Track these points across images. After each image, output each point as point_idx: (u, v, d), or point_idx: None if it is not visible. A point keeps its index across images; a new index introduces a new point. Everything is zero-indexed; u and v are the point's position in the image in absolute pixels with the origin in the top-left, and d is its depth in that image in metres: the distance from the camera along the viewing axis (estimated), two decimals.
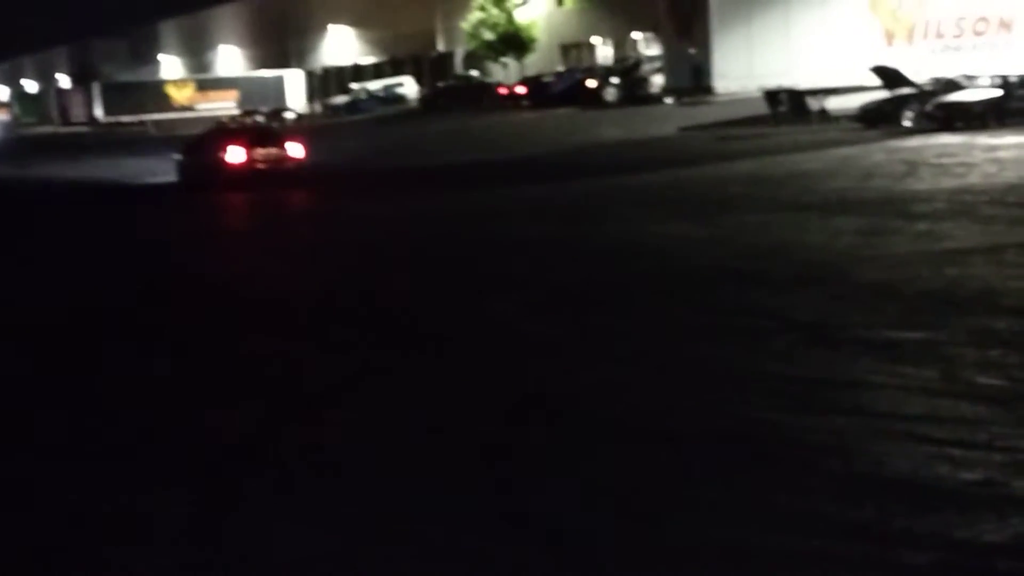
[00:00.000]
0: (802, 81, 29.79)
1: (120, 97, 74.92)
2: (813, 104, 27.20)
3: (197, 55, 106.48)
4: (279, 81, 76.63)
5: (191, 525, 5.21)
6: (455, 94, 58.21)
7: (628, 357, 7.75)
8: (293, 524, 5.07)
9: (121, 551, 5.02)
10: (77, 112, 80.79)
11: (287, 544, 4.90)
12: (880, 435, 5.72)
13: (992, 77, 24.11)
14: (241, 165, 25.67)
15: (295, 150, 26.48)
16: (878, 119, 24.06)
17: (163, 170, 29.78)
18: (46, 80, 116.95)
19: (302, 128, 55.08)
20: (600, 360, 7.73)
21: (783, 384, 6.79)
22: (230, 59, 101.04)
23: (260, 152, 26.03)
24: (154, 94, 76.18)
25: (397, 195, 20.32)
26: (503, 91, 56.52)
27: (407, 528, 4.97)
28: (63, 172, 35.91)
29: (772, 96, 28.20)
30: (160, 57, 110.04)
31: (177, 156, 28.91)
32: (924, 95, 23.88)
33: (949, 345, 7.33)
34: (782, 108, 27.69)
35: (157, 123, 67.44)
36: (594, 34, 62.80)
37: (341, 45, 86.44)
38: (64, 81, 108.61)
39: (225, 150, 26.13)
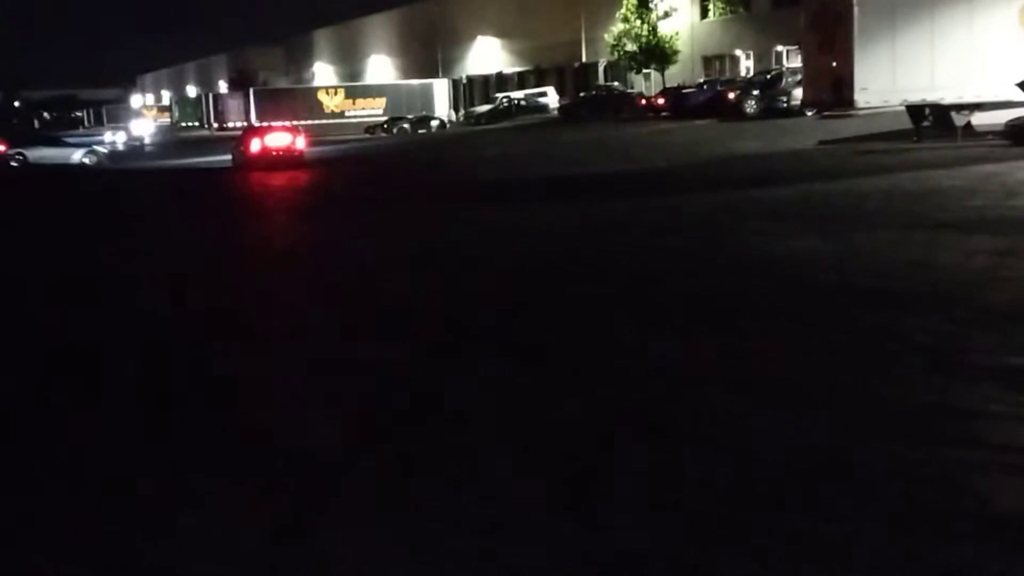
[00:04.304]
0: (947, 96, 28.85)
1: (273, 103, 76.78)
2: (958, 119, 26.23)
3: (348, 63, 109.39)
4: (426, 89, 77.53)
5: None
6: (595, 104, 58.40)
7: (736, 377, 7.54)
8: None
9: None
10: (232, 116, 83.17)
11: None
12: (990, 469, 5.42)
13: None
14: (258, 152, 37.11)
15: (299, 144, 37.99)
16: None
17: None
18: (207, 86, 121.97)
19: (443, 134, 56.04)
20: (707, 379, 7.54)
21: (894, 410, 6.52)
22: (380, 68, 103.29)
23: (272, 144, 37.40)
24: (305, 100, 77.92)
25: (524, 204, 20.30)
26: (643, 102, 56.52)
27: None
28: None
29: (915, 111, 27.36)
30: (314, 66, 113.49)
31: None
32: None
33: None
34: (925, 123, 26.82)
35: (308, 128, 68.93)
36: (737, 47, 62.22)
37: (487, 55, 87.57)
38: (222, 87, 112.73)
39: (248, 143, 37.81)
